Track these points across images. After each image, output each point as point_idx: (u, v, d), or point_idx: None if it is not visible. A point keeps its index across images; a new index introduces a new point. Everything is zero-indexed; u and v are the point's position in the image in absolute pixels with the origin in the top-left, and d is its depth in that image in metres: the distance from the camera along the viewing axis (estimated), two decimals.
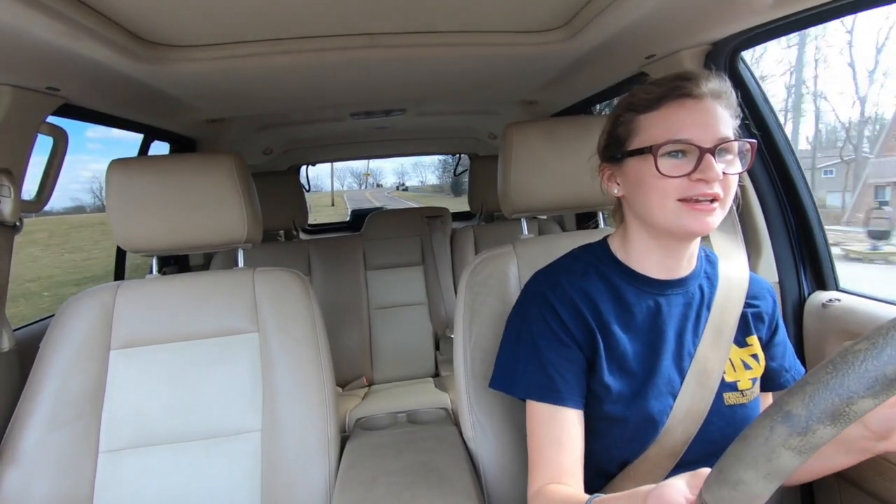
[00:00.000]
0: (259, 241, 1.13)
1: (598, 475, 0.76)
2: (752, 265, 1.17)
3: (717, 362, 0.74)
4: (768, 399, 0.81)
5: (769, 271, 1.17)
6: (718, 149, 0.66)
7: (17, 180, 1.04)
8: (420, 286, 2.25)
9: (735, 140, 0.68)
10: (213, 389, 1.02)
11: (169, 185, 1.04)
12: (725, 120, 0.68)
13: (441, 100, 1.87)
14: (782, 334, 0.83)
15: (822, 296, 1.13)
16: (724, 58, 1.14)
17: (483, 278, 0.99)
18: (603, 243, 0.83)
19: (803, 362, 1.11)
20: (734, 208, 0.88)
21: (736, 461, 0.38)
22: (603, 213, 1.13)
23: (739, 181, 0.71)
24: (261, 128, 2.09)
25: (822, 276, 1.17)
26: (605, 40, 1.08)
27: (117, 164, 1.05)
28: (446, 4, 0.95)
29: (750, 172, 1.17)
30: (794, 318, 1.16)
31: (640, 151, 0.70)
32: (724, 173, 0.66)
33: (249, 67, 1.12)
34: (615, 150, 0.76)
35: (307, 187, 3.04)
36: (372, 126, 2.26)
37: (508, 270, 0.99)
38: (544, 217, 2.30)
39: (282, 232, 2.47)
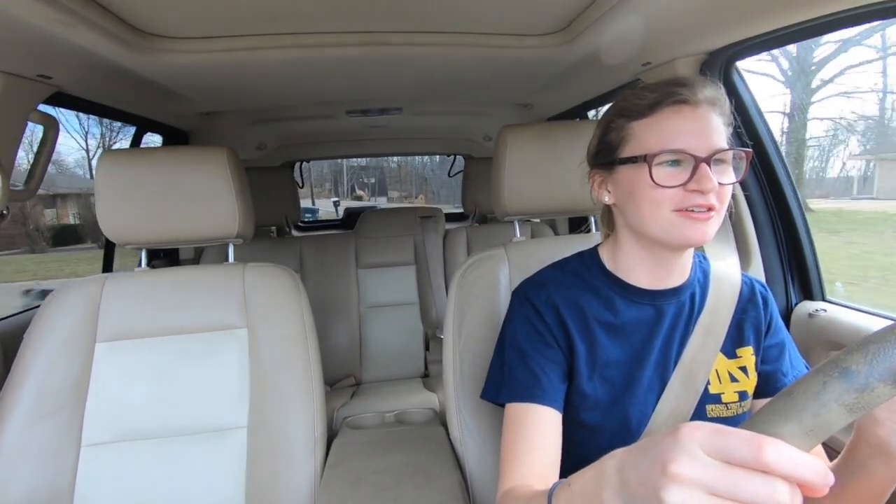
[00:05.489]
0: (251, 237, 1.13)
1: None
2: None
3: (704, 363, 0.72)
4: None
5: None
6: (713, 158, 0.64)
7: (6, 169, 1.03)
8: (412, 286, 2.25)
9: (730, 149, 0.66)
10: (199, 385, 1.01)
11: (160, 178, 1.03)
12: (720, 128, 0.67)
13: (437, 100, 1.87)
14: (778, 336, 0.78)
15: (808, 306, 1.14)
16: (720, 67, 1.15)
17: (474, 279, 0.99)
18: (593, 252, 0.81)
19: None
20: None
21: (774, 415, 0.36)
22: (595, 218, 1.14)
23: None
24: (255, 122, 2.08)
25: (809, 287, 1.18)
26: (601, 46, 1.09)
27: (108, 156, 1.04)
28: (445, 5, 0.95)
29: (741, 182, 1.19)
30: None
31: (634, 160, 0.68)
32: (721, 183, 0.64)
33: (245, 61, 1.12)
34: (606, 157, 0.74)
35: (301, 184, 3.03)
36: (367, 124, 2.26)
37: (499, 272, 0.99)
38: (537, 220, 2.31)
39: (274, 228, 2.46)
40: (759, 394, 0.76)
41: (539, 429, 0.70)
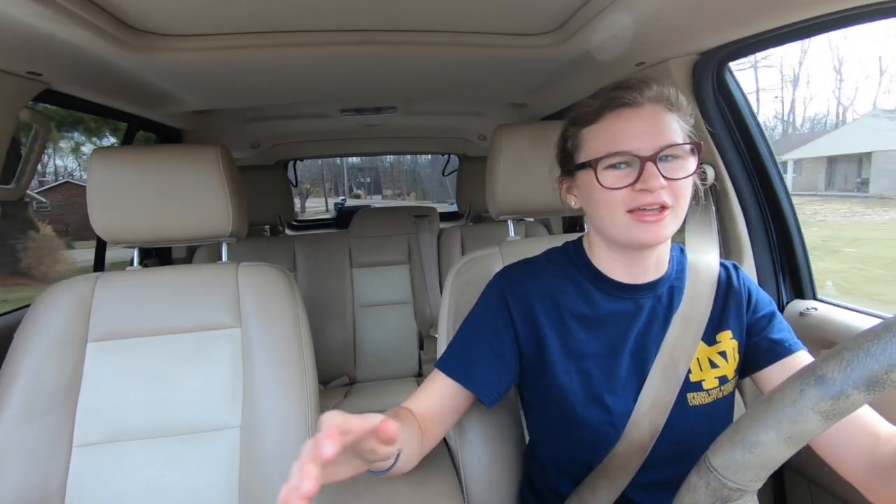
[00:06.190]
0: (244, 236, 1.12)
1: (569, 479, 0.77)
2: None
3: (684, 353, 0.73)
4: (771, 375, 0.74)
5: None
6: (663, 155, 0.65)
7: None
8: (406, 285, 2.24)
9: (678, 144, 0.67)
10: (192, 385, 1.00)
11: (153, 176, 1.03)
12: (670, 125, 0.67)
13: (432, 99, 1.87)
14: (765, 310, 0.78)
15: (799, 304, 1.15)
16: (712, 67, 1.15)
17: (468, 279, 0.99)
18: (578, 244, 0.83)
19: None
20: (711, 203, 0.88)
21: (755, 422, 0.36)
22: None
23: (717, 181, 0.70)
24: (249, 121, 2.07)
25: (800, 286, 1.19)
26: (595, 46, 1.09)
27: (100, 153, 1.03)
28: (440, 5, 0.95)
29: (733, 182, 1.19)
30: None
31: (585, 165, 0.71)
32: (671, 178, 0.65)
33: (239, 60, 1.11)
34: (566, 165, 0.76)
35: (295, 183, 3.02)
36: (362, 123, 2.25)
37: (494, 271, 0.99)
38: (531, 219, 2.32)
39: (267, 227, 2.45)
40: (752, 367, 0.76)
41: (447, 399, 0.77)
